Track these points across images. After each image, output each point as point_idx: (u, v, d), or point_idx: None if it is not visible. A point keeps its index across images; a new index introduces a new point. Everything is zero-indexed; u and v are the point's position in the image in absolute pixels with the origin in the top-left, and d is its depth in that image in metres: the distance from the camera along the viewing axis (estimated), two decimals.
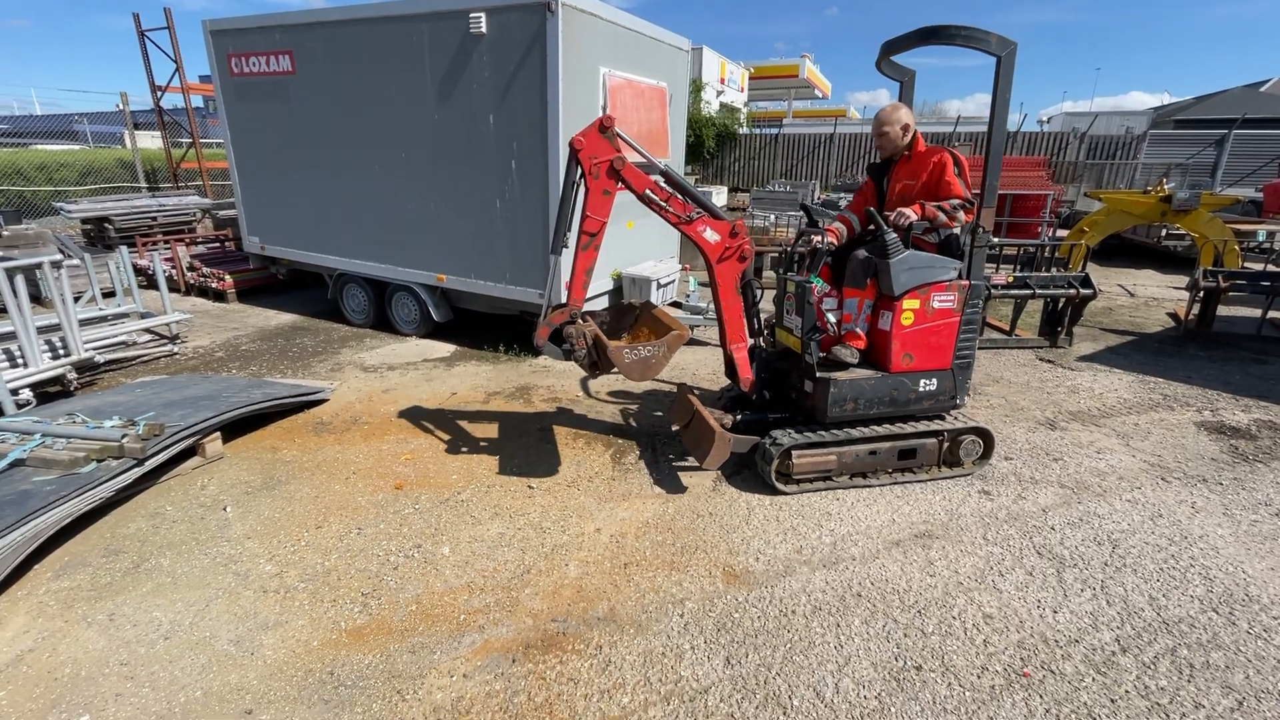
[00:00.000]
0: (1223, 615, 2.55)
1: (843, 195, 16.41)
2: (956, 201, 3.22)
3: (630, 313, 3.80)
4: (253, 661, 2.28)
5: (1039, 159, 12.37)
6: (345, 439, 4.06)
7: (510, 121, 5.12)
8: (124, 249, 6.11)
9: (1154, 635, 2.44)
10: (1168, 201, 8.29)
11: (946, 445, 3.55)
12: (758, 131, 21.71)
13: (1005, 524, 3.19)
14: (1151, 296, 8.45)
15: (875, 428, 3.43)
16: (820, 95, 32.68)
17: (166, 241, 8.86)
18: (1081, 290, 5.90)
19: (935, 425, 3.52)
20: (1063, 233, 10.25)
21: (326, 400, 4.67)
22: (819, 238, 3.37)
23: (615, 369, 3.17)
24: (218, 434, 3.79)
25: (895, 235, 3.17)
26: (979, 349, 6.06)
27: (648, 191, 3.25)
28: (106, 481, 3.05)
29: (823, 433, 3.36)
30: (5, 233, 7.85)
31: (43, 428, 3.29)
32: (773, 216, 12.68)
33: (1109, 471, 3.74)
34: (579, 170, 3.13)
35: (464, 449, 3.93)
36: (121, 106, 12.05)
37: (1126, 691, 2.18)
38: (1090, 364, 5.68)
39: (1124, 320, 7.21)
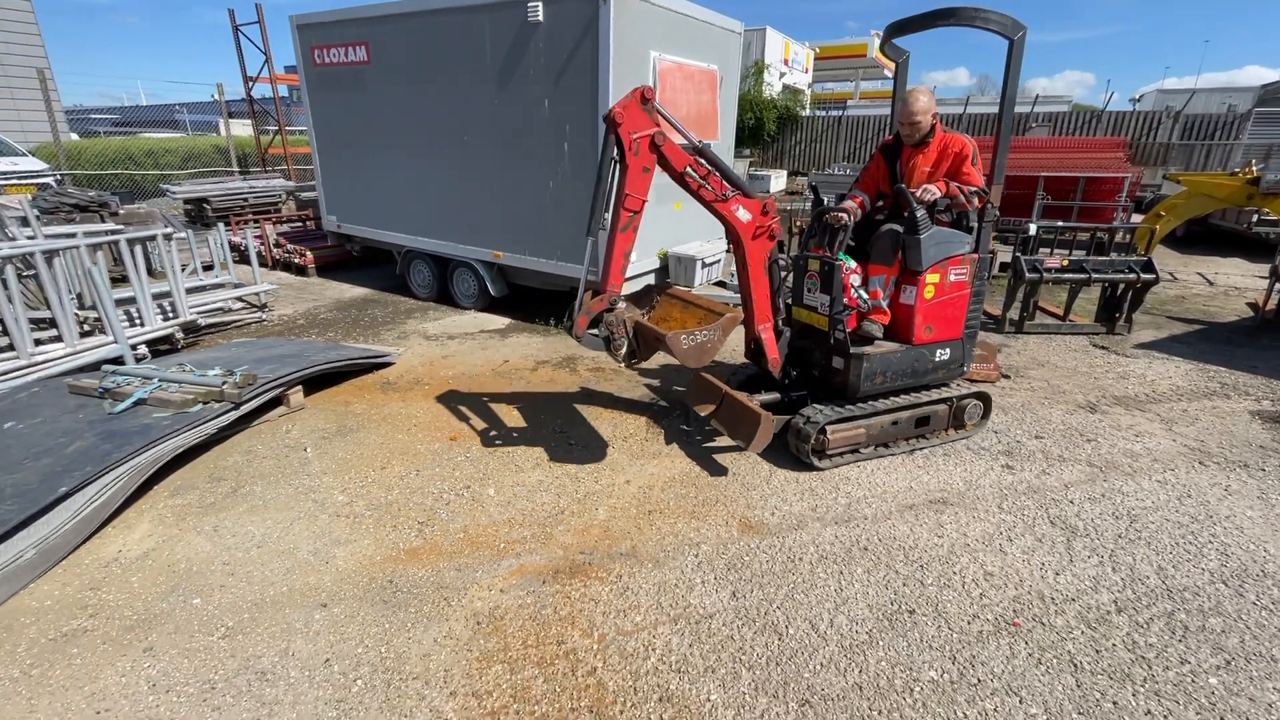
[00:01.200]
0: (1231, 588, 2.59)
1: None
2: (973, 189, 3.34)
3: (648, 295, 3.71)
4: (327, 569, 2.69)
5: (1118, 140, 11.69)
6: (408, 397, 4.49)
7: (563, 106, 5.41)
8: (221, 226, 6.81)
9: (1154, 600, 2.52)
10: (1255, 184, 7.76)
11: (953, 410, 3.71)
12: (821, 114, 21.28)
13: (1023, 496, 3.27)
14: (1233, 285, 7.97)
15: (896, 399, 3.55)
16: (890, 75, 31.51)
17: (256, 220, 9.69)
18: (1143, 275, 5.70)
19: (945, 392, 3.68)
20: (1138, 218, 9.73)
21: (392, 364, 5.14)
22: (844, 215, 3.43)
23: (643, 358, 3.17)
24: (300, 387, 4.29)
25: (924, 211, 3.27)
26: (1028, 333, 5.97)
27: (688, 169, 3.12)
28: (210, 420, 3.56)
29: (851, 407, 3.45)
30: (120, 211, 8.81)
31: (159, 374, 3.85)
32: (830, 199, 12.50)
33: (1144, 454, 3.72)
34: (617, 146, 2.97)
35: (512, 408, 4.29)
36: (217, 97, 13.12)
37: (1113, 645, 2.29)
38: (1148, 351, 5.51)
39: (1195, 309, 6.87)
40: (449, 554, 2.79)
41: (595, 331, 3.16)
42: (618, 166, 3.01)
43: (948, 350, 3.53)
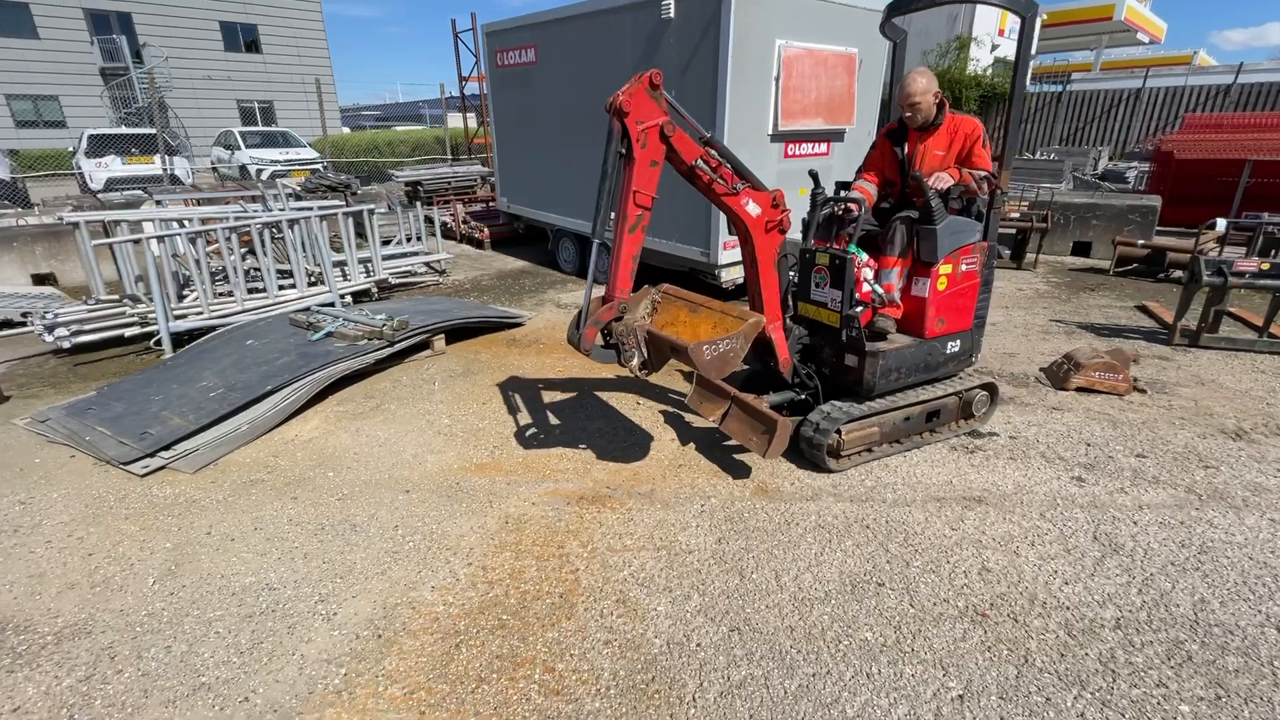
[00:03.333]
0: None
1: (1132, 166, 13.59)
2: (983, 173, 3.15)
3: (644, 297, 3.30)
4: (418, 467, 3.50)
5: None
6: (524, 352, 5.30)
7: (687, 97, 5.78)
8: (419, 206, 8.32)
9: (1167, 627, 2.31)
10: None
11: (962, 401, 3.58)
12: (1035, 89, 18.70)
13: (1077, 508, 3.04)
14: None
15: (908, 394, 3.45)
16: (1148, 40, 26.32)
17: (456, 201, 11.46)
18: None
19: (954, 385, 3.55)
20: None
21: (522, 325, 6.02)
22: (856, 206, 3.27)
23: (655, 369, 2.99)
24: (443, 336, 5.30)
25: (940, 200, 3.15)
26: (1207, 348, 5.09)
27: (699, 161, 2.89)
28: (370, 353, 4.64)
29: (864, 405, 3.33)
30: (359, 192, 11.03)
31: (345, 315, 5.06)
32: (1020, 190, 11.28)
33: (1275, 489, 3.17)
34: (624, 138, 2.71)
35: (601, 369, 4.87)
36: (441, 95, 15.54)
37: (1084, 655, 2.20)
38: None
39: None
40: (506, 471, 3.45)
41: (604, 343, 3.00)
42: (623, 161, 2.78)
43: (958, 342, 3.41)
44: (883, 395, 3.40)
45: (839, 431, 3.25)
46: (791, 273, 3.45)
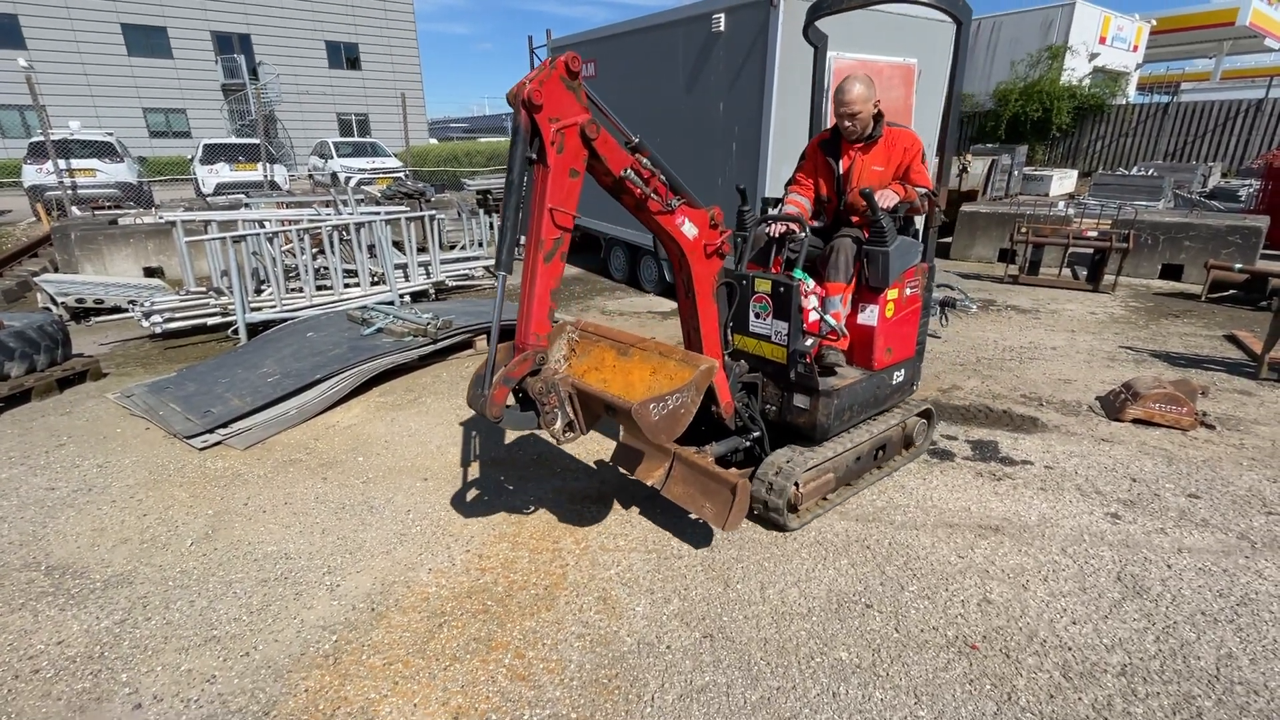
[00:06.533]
0: None
1: (1247, 183, 12.38)
2: (924, 190, 2.96)
3: (556, 337, 2.75)
4: (440, 457, 3.69)
5: None
6: None
7: (734, 109, 5.81)
8: (481, 212, 8.72)
9: (1181, 680, 2.12)
10: None
11: (904, 430, 3.41)
12: (1141, 99, 17.38)
13: (1105, 546, 2.83)
14: None
15: (854, 431, 3.16)
16: (1278, 47, 23.92)
17: None
18: None
19: (895, 416, 3.37)
20: None
21: None
22: (797, 226, 2.95)
23: (583, 431, 2.41)
24: (484, 336, 5.53)
25: (890, 220, 2.93)
26: None
27: (629, 172, 2.36)
28: (414, 350, 4.92)
29: (815, 449, 2.95)
30: (432, 199, 11.67)
31: (394, 313, 5.39)
32: (1100, 206, 10.56)
33: None
34: (534, 138, 2.12)
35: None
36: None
37: (1077, 698, 2.05)
38: None
39: None
40: (520, 467, 3.58)
41: (515, 404, 2.43)
42: (533, 167, 2.18)
43: (903, 371, 3.22)
44: (833, 437, 3.04)
45: (797, 484, 2.83)
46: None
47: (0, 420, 4.19)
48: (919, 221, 3.34)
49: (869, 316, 3.06)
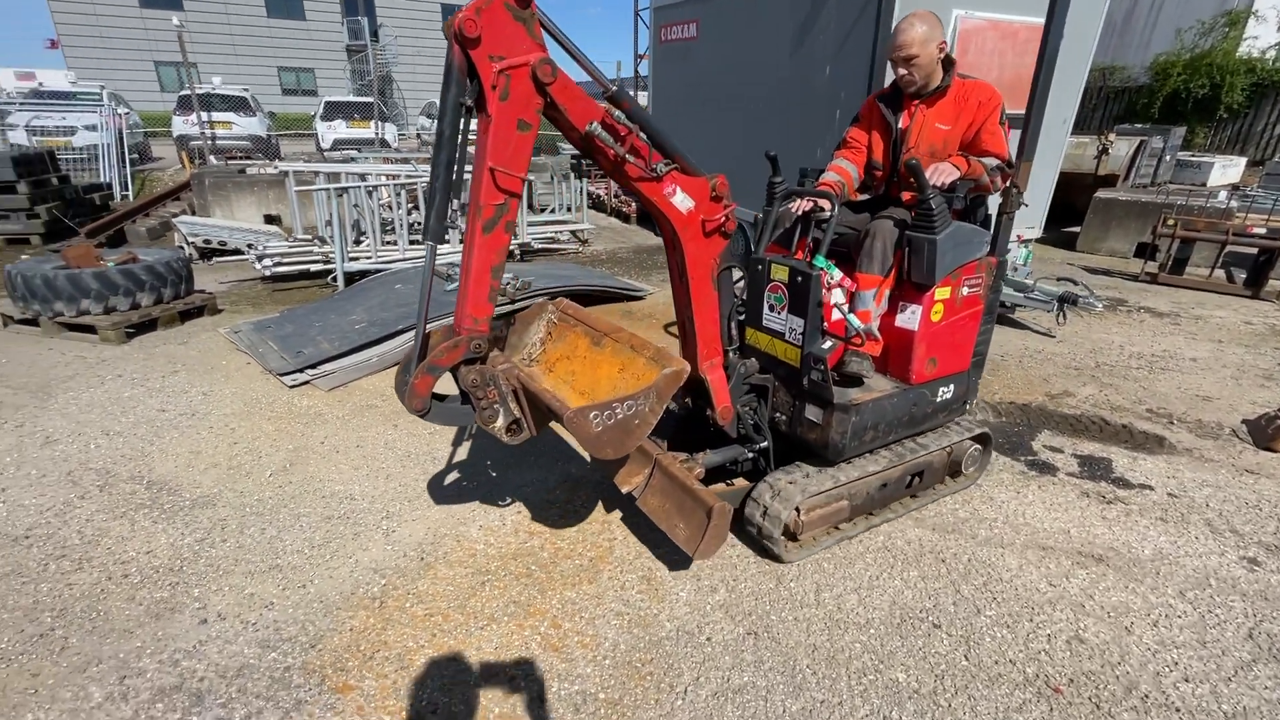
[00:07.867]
0: None
1: None
2: (996, 162, 2.40)
3: (536, 318, 2.51)
4: None
5: None
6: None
7: (841, 73, 5.38)
8: (572, 176, 8.71)
9: None
10: None
11: (950, 456, 2.88)
12: None
13: (1237, 595, 2.42)
14: None
15: (881, 453, 2.65)
16: None
17: None
18: None
19: (940, 439, 2.81)
20: None
21: (641, 299, 6.09)
22: (826, 202, 2.44)
23: (534, 431, 2.12)
24: (563, 298, 5.53)
25: (942, 200, 2.36)
26: None
27: (594, 126, 1.85)
28: (502, 306, 4.98)
29: (827, 471, 2.52)
30: None
31: None
32: (1273, 200, 9.11)
33: None
34: (472, 80, 1.70)
35: None
36: (616, 72, 16.01)
37: None
38: None
39: None
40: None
41: (449, 394, 2.14)
42: (469, 118, 1.80)
43: (952, 387, 2.67)
44: (853, 459, 2.58)
45: (798, 510, 2.42)
46: (740, 287, 2.58)
47: (130, 345, 4.64)
48: (993, 204, 2.67)
49: (909, 319, 2.49)
